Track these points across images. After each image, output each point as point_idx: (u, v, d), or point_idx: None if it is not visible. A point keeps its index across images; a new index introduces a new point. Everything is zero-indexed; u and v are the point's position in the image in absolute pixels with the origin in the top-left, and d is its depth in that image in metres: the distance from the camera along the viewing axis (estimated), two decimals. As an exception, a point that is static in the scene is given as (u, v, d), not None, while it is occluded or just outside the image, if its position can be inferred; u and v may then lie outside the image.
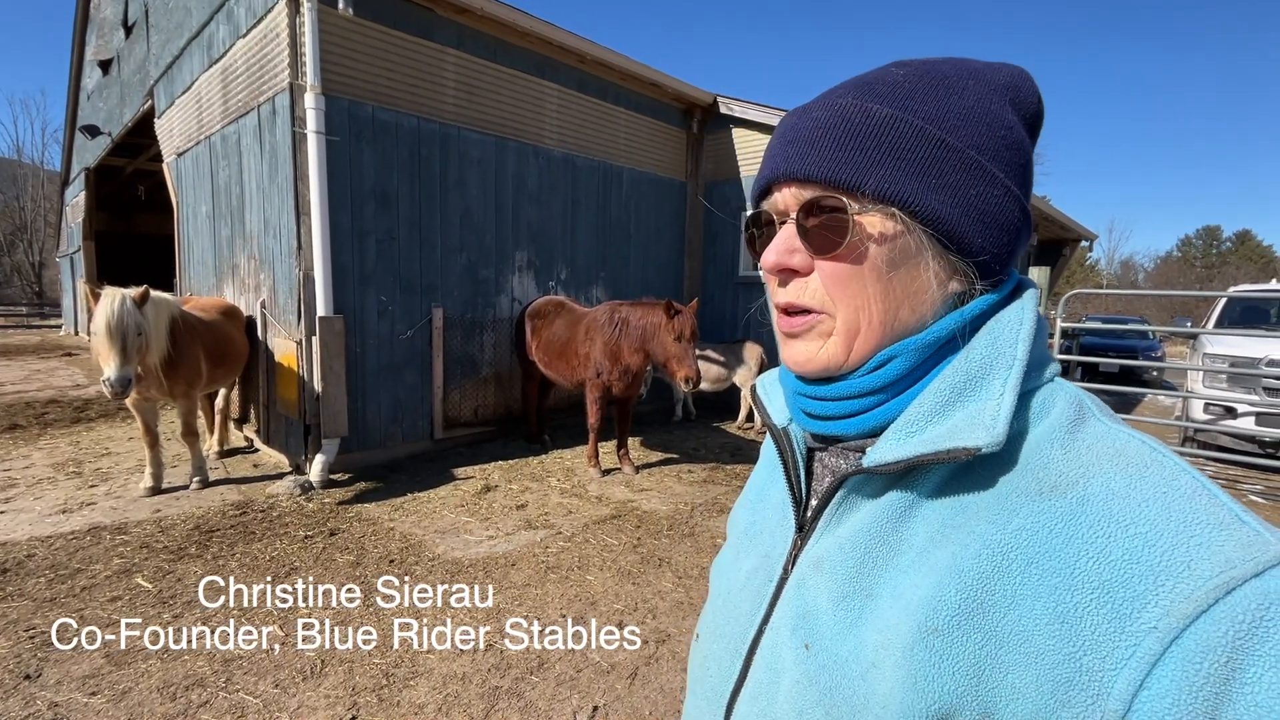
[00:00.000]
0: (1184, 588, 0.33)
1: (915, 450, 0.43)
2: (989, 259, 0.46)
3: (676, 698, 2.29)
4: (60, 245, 18.23)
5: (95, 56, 10.30)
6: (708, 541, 3.69)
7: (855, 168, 0.45)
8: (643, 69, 6.63)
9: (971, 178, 0.45)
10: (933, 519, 0.44)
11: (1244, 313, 6.98)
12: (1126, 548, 0.35)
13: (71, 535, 3.50)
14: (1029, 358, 0.44)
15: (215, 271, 6.26)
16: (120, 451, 5.24)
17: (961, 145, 0.45)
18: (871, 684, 0.41)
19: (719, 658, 0.55)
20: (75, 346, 12.99)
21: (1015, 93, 0.48)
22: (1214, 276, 40.29)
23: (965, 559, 0.40)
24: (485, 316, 5.77)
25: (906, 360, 0.46)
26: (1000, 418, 0.41)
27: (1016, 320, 0.45)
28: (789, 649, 0.47)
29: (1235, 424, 5.35)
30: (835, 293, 0.47)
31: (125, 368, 3.67)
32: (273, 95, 4.67)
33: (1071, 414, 0.43)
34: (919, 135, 0.45)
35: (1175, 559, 0.34)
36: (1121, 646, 0.33)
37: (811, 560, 0.49)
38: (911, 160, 0.44)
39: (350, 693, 2.25)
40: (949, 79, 0.47)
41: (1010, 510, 0.40)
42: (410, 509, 4.08)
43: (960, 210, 0.45)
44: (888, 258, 0.45)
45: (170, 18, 6.77)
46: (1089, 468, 0.39)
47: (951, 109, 0.45)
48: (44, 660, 2.38)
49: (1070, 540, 0.37)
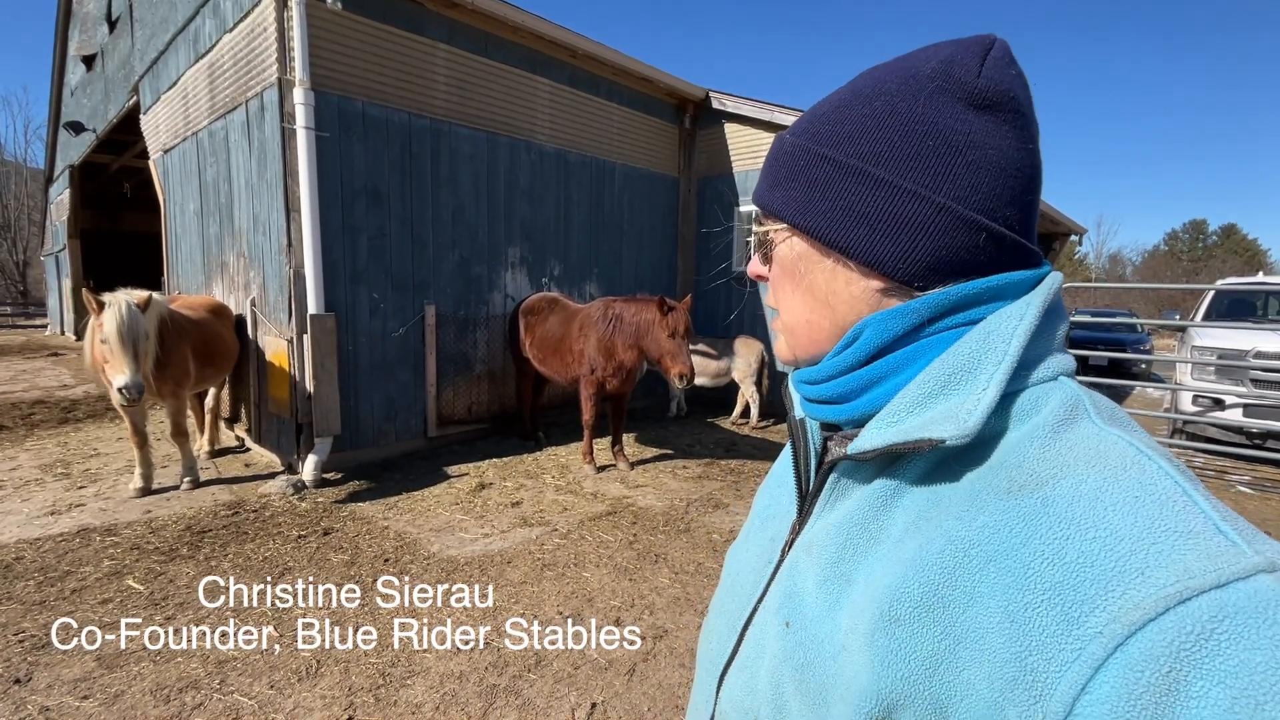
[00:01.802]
0: (1135, 595, 0.32)
1: (890, 439, 0.44)
2: (893, 258, 0.46)
3: (674, 694, 2.29)
4: (45, 244, 17.98)
5: (78, 52, 10.15)
6: (703, 537, 3.69)
7: (767, 192, 0.52)
8: (635, 64, 6.60)
9: (851, 185, 0.47)
10: (911, 510, 0.45)
11: (1231, 305, 7.05)
12: (1082, 551, 0.34)
13: (60, 537, 3.45)
14: (1024, 354, 0.43)
15: (204, 269, 6.19)
16: (109, 452, 5.18)
17: (842, 157, 0.47)
18: (841, 665, 0.43)
19: (719, 632, 0.59)
20: (61, 347, 12.83)
21: (945, 79, 0.46)
22: (1200, 270, 40.68)
23: (930, 552, 0.40)
24: (478, 313, 5.74)
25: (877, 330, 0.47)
26: (976, 412, 0.41)
27: (1018, 314, 0.44)
28: (773, 627, 0.50)
29: (1223, 416, 5.41)
30: (775, 297, 0.55)
31: (138, 374, 3.74)
32: (261, 91, 4.62)
33: (1061, 414, 0.42)
34: (806, 155, 0.49)
35: (1131, 565, 0.33)
36: (1067, 649, 0.33)
37: (804, 544, 0.52)
38: (798, 180, 0.49)
39: (347, 693, 2.24)
40: (864, 90, 0.49)
41: (978, 507, 0.40)
42: (405, 508, 4.06)
43: (839, 217, 0.47)
44: (795, 266, 0.52)
45: (155, 12, 6.67)
46: (1062, 469, 0.39)
47: (846, 122, 0.48)
48: (34, 664, 2.35)
49: (1029, 540, 0.36)
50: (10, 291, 31.01)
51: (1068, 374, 0.46)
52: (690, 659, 2.47)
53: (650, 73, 6.78)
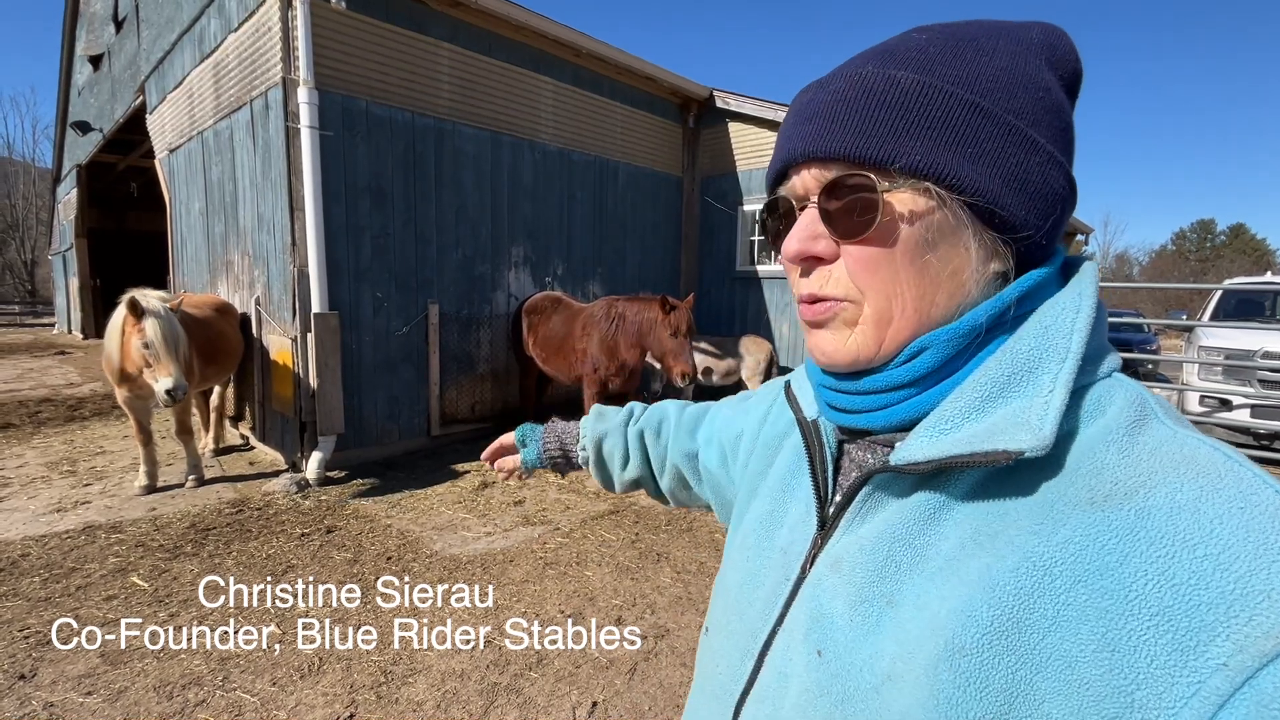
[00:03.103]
0: (1262, 620, 0.28)
1: (948, 450, 0.39)
2: (1033, 233, 0.42)
3: (675, 693, 2.29)
4: (52, 243, 18.11)
5: (85, 52, 10.21)
6: (706, 536, 3.69)
7: (882, 141, 0.41)
8: (638, 63, 6.59)
9: (1010, 144, 0.40)
10: (965, 524, 0.40)
11: (1239, 305, 7.00)
12: (1193, 570, 0.31)
13: (66, 534, 3.47)
14: (1085, 349, 0.39)
15: (209, 268, 6.22)
16: (115, 450, 5.21)
17: (997, 109, 0.40)
18: (886, 699, 0.38)
19: (728, 656, 0.53)
20: (68, 345, 12.91)
21: (1051, 51, 0.43)
22: (1208, 270, 40.41)
23: (1001, 572, 0.36)
24: (481, 312, 5.75)
25: (939, 352, 0.42)
26: (1048, 418, 0.37)
27: (1073, 306, 0.41)
28: (800, 654, 0.44)
29: (1231, 416, 5.37)
30: (864, 280, 0.43)
31: (182, 377, 3.83)
32: (265, 90, 4.63)
33: (1132, 414, 0.38)
34: (950, 101, 0.40)
35: (1252, 586, 0.29)
36: (1182, 683, 0.29)
37: (830, 560, 0.46)
38: (943, 129, 0.40)
39: (348, 690, 2.24)
40: (977, 40, 0.43)
41: (1056, 520, 0.36)
42: (407, 506, 4.07)
43: (1000, 181, 0.40)
44: (922, 238, 0.41)
45: (161, 12, 6.70)
46: (1151, 476, 0.35)
47: (983, 71, 0.41)
48: (39, 660, 2.36)
49: (1126, 558, 0.32)
50: (18, 290, 31.25)
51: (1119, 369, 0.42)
52: (692, 658, 2.46)
53: (654, 72, 6.77)
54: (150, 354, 3.74)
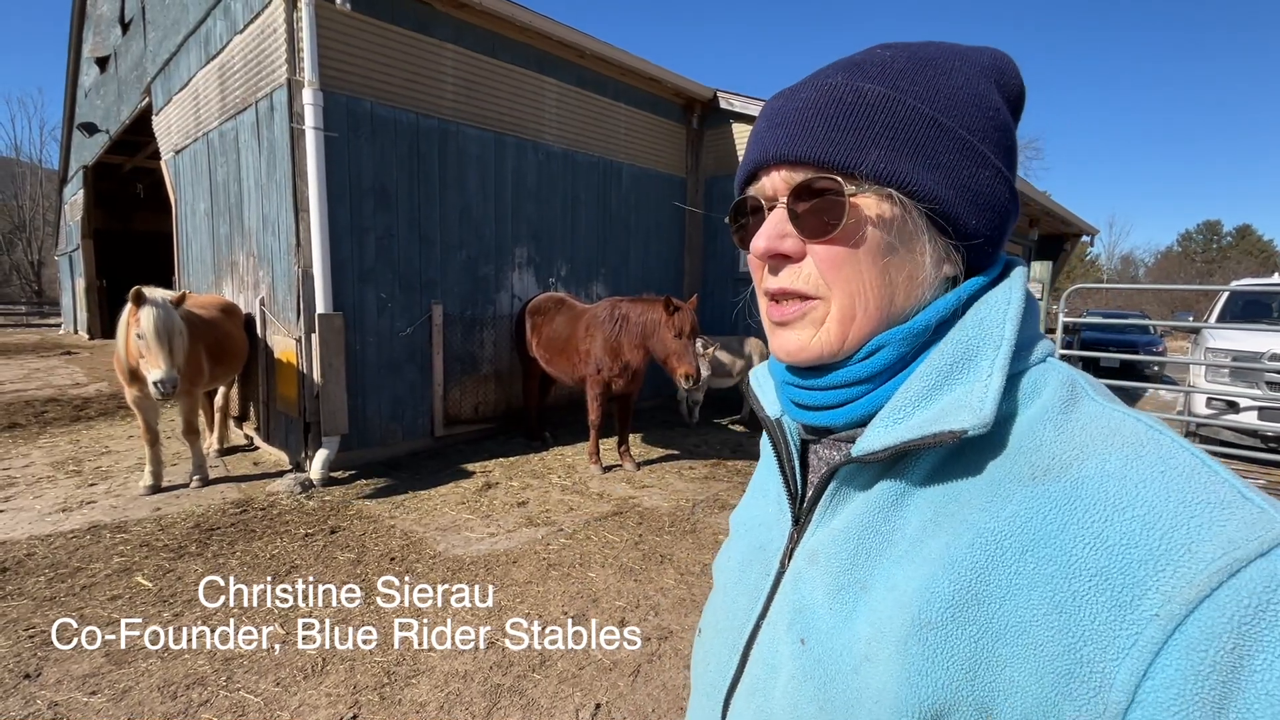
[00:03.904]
0: (1186, 572, 0.32)
1: (902, 436, 0.42)
2: (982, 241, 0.46)
3: (679, 695, 2.28)
4: (59, 243, 18.20)
5: (92, 54, 10.26)
6: (709, 538, 3.68)
7: (850, 148, 0.43)
8: (642, 64, 6.60)
9: (964, 158, 0.44)
10: (925, 507, 0.43)
11: (1246, 307, 6.95)
12: (1124, 531, 0.34)
13: (71, 534, 3.49)
14: (1018, 338, 0.43)
15: (214, 269, 6.24)
16: (120, 450, 5.23)
17: (953, 125, 0.44)
18: (865, 678, 0.40)
19: (718, 653, 0.55)
20: (74, 345, 12.98)
21: (999, 74, 0.47)
22: (1214, 271, 40.18)
23: (958, 548, 0.39)
24: (485, 313, 5.75)
25: (894, 350, 0.46)
26: (988, 399, 0.40)
27: (1004, 300, 0.45)
28: (785, 644, 0.47)
29: (1238, 419, 5.33)
30: (831, 277, 0.45)
31: (173, 369, 3.82)
32: (270, 91, 4.65)
33: (1064, 394, 0.42)
34: (912, 114, 0.44)
35: (1175, 541, 0.33)
36: (1123, 635, 0.32)
37: (807, 554, 0.49)
38: (906, 139, 0.43)
39: (352, 691, 2.24)
40: (936, 60, 0.46)
41: (1003, 497, 0.39)
42: (411, 507, 4.07)
43: (955, 191, 0.44)
44: (885, 240, 0.44)
45: (167, 14, 6.73)
46: (1083, 449, 0.38)
47: (941, 89, 0.45)
48: (44, 659, 2.37)
49: (1065, 526, 0.36)
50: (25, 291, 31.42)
51: (1054, 355, 0.46)
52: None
53: (658, 73, 6.77)
54: (142, 344, 3.77)
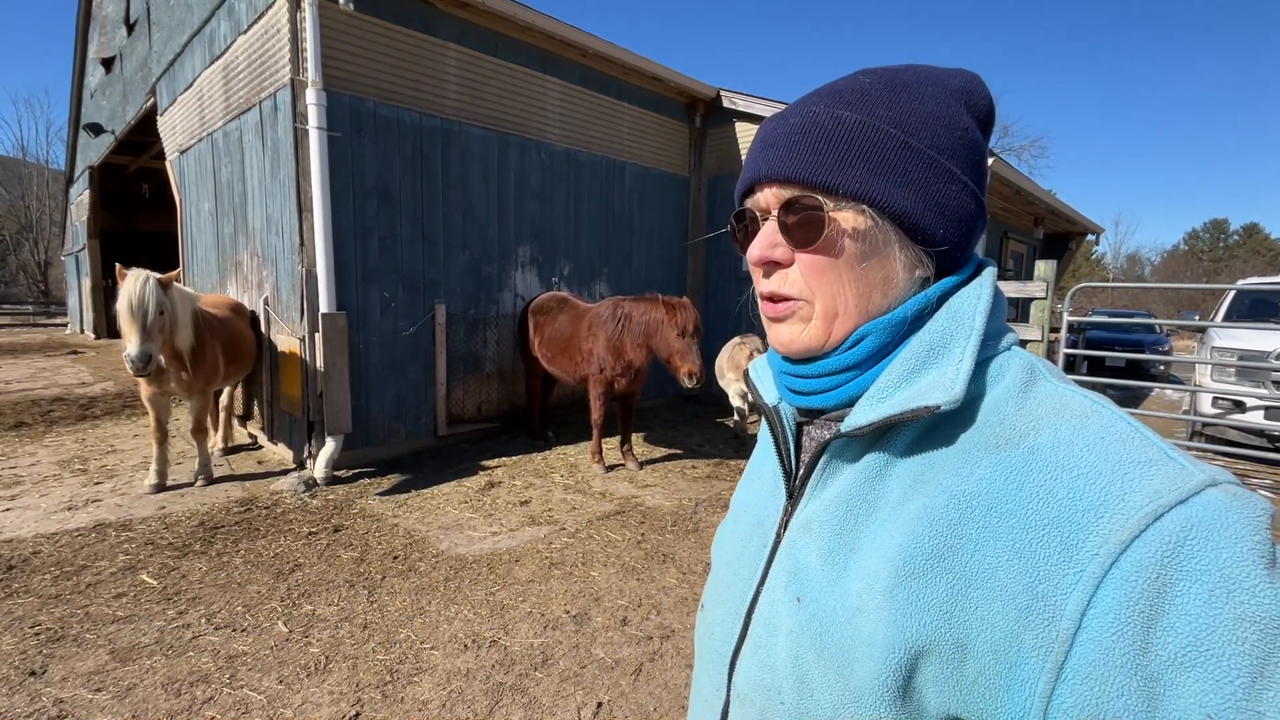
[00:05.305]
0: (1119, 517, 0.38)
1: (885, 412, 0.48)
2: (949, 247, 0.51)
3: (681, 694, 2.28)
4: (65, 244, 18.30)
5: (98, 54, 10.31)
6: (711, 537, 3.67)
7: (829, 170, 0.49)
8: (645, 63, 6.59)
9: (932, 176, 0.50)
10: (905, 475, 0.48)
11: (1253, 306, 6.91)
12: (1070, 487, 0.40)
13: (77, 532, 3.51)
14: (986, 328, 0.49)
15: (218, 269, 6.26)
16: (125, 449, 5.26)
17: (923, 146, 0.49)
18: (857, 627, 0.46)
19: (721, 622, 0.60)
20: (80, 345, 13.04)
21: (969, 96, 0.53)
22: (1221, 270, 39.93)
23: (935, 508, 0.44)
24: (488, 313, 5.76)
25: (876, 338, 0.51)
26: (959, 379, 0.46)
27: (975, 296, 0.51)
28: (783, 604, 0.52)
29: (1244, 418, 5.30)
30: (814, 282, 0.52)
31: (146, 344, 3.73)
32: (274, 91, 4.66)
33: (1024, 376, 0.48)
34: (885, 139, 0.49)
35: (1111, 493, 0.39)
36: (1070, 573, 0.38)
37: (801, 523, 0.54)
38: (879, 161, 0.49)
39: (354, 689, 2.25)
40: (910, 86, 0.51)
41: (972, 463, 0.45)
42: (414, 505, 4.08)
43: (923, 205, 0.49)
44: (860, 250, 0.50)
45: (172, 14, 6.76)
46: (1038, 421, 0.44)
47: (913, 113, 0.50)
48: (49, 656, 2.38)
49: (1023, 485, 0.42)
50: (32, 290, 31.61)
51: (1018, 344, 0.52)
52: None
53: (661, 72, 6.76)
54: (119, 317, 3.75)
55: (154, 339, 3.78)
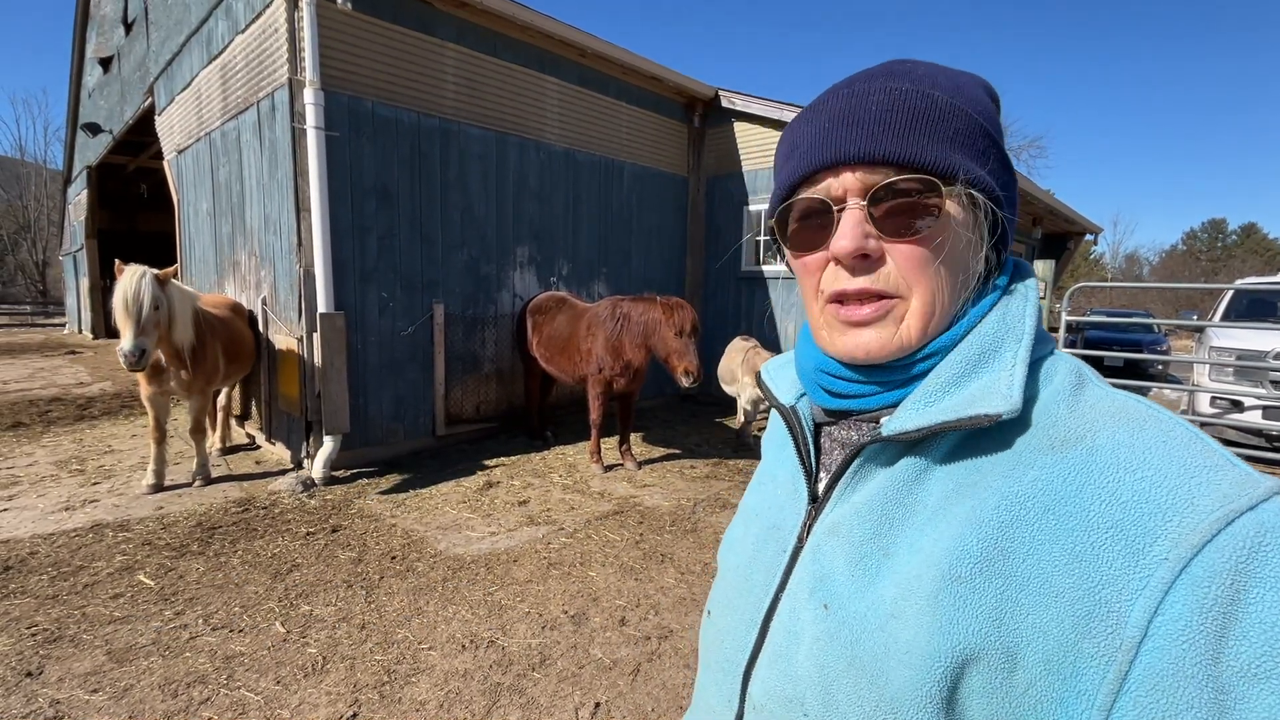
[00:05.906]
0: (1190, 521, 0.36)
1: (935, 418, 0.45)
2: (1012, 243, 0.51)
3: (679, 694, 2.28)
4: (63, 244, 18.27)
5: (96, 54, 10.29)
6: (710, 537, 3.67)
7: (937, 150, 0.45)
8: (643, 63, 6.59)
9: (1004, 166, 0.48)
10: (946, 481, 0.46)
11: (1251, 305, 6.92)
12: (1135, 489, 0.38)
13: (74, 532, 3.50)
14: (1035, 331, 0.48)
15: (216, 269, 6.25)
16: (123, 449, 5.25)
17: (995, 135, 0.48)
18: (892, 634, 0.43)
19: (733, 630, 0.56)
20: (79, 345, 13.02)
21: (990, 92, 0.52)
22: (1219, 270, 39.98)
23: (984, 511, 0.42)
24: (487, 312, 5.76)
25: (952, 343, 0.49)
26: (1015, 386, 0.44)
27: (1023, 298, 0.50)
28: (807, 611, 0.49)
29: (1242, 418, 5.30)
30: (913, 277, 0.47)
31: (140, 338, 3.70)
32: (272, 91, 4.65)
33: (1074, 379, 0.46)
34: (973, 123, 0.47)
35: (1180, 497, 0.37)
36: (1136, 578, 0.36)
37: (827, 527, 0.51)
38: (973, 145, 0.46)
39: (352, 689, 2.24)
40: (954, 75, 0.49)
41: (1025, 465, 0.43)
42: (412, 505, 4.07)
43: (1005, 195, 0.49)
44: (961, 240, 0.47)
45: (169, 14, 6.75)
46: (1094, 424, 0.42)
47: (978, 100, 0.48)
48: (46, 657, 2.37)
49: (1083, 487, 0.40)
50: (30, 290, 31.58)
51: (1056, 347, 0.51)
52: (695, 659, 2.45)
53: (659, 72, 6.76)
54: (114, 312, 3.73)
55: (148, 333, 3.75)
